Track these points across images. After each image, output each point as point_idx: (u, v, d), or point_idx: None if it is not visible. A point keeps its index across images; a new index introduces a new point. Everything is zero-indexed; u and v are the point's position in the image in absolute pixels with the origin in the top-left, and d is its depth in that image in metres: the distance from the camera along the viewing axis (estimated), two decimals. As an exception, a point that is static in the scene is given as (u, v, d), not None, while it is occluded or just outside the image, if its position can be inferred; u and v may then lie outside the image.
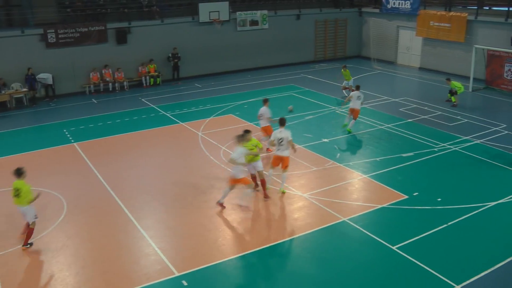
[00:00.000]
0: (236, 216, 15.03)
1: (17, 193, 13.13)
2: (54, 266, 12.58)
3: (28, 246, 13.43)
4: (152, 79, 31.43)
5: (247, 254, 13.05)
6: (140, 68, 31.17)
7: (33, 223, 13.38)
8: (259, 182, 16.28)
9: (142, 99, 28.30)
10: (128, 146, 21.01)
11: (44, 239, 13.76)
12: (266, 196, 15.89)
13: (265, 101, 19.58)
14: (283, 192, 16.32)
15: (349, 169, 18.24)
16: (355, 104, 21.91)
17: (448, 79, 26.82)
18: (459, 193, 16.33)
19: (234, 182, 15.00)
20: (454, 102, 26.23)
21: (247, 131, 15.29)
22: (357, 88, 22.47)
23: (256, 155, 15.60)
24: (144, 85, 31.21)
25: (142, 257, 12.97)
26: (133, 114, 25.29)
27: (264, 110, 19.36)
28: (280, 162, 16.06)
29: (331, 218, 14.71)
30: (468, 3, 35.71)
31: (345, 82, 28.68)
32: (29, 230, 13.41)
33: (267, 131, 19.36)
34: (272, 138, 16.08)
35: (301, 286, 11.75)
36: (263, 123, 19.46)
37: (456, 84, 26.13)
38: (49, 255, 13.05)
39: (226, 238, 13.87)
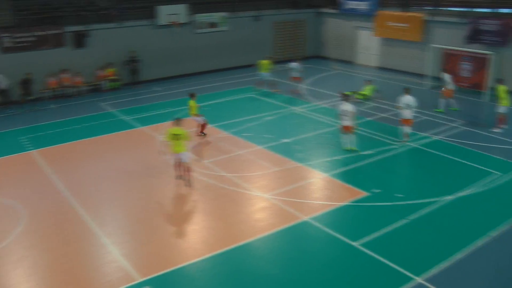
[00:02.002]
0: (198, 219, 15.00)
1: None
2: (12, 279, 12.29)
3: None
4: (111, 83, 31.07)
5: (210, 256, 13.00)
6: (99, 72, 30.76)
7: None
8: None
9: (102, 104, 27.94)
10: (88, 152, 20.68)
11: (1, 251, 13.42)
12: (187, 183, 17.01)
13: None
14: (354, 150, 19.76)
15: (310, 168, 18.36)
16: (449, 85, 25.09)
17: (369, 81, 28.41)
18: (419, 188, 16.66)
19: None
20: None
21: (178, 119, 16.88)
22: (445, 70, 26.13)
23: None
24: (103, 89, 30.83)
25: (104, 264, 12.79)
26: (92, 119, 24.93)
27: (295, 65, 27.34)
28: (347, 130, 19.77)
29: (293, 218, 14.78)
30: (424, 3, 36.38)
31: (263, 74, 29.05)
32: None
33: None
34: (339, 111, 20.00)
35: (265, 287, 11.78)
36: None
37: (367, 92, 27.71)
38: (7, 267, 12.74)
39: (189, 241, 13.80)
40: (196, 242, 13.76)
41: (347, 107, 19.54)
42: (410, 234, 13.84)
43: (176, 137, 16.19)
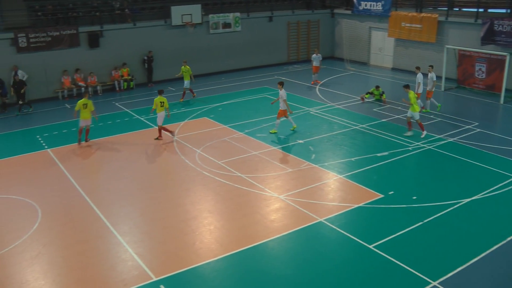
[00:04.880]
0: (213, 219, 15.01)
1: (162, 104, 21.59)
2: (29, 275, 12.39)
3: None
4: (125, 83, 31.22)
5: (224, 256, 13.03)
6: (113, 72, 30.92)
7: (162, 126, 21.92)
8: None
9: (116, 104, 28.07)
10: (102, 151, 20.80)
11: (18, 248, 13.55)
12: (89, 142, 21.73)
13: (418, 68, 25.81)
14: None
15: (324, 169, 18.33)
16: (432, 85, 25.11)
17: (377, 86, 27.83)
18: (433, 190, 16.54)
19: None
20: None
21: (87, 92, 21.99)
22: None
23: None
24: (117, 89, 30.99)
25: (119, 263, 12.86)
26: (107, 119, 25.04)
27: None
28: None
29: (307, 219, 14.77)
30: (438, 4, 36.22)
31: (185, 82, 28.44)
32: (161, 128, 21.92)
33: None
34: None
35: (279, 287, 11.77)
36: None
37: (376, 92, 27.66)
38: (24, 264, 12.85)
39: (203, 241, 13.82)
40: (211, 242, 13.78)
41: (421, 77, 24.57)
42: (425, 237, 13.77)
43: (84, 106, 20.95)
